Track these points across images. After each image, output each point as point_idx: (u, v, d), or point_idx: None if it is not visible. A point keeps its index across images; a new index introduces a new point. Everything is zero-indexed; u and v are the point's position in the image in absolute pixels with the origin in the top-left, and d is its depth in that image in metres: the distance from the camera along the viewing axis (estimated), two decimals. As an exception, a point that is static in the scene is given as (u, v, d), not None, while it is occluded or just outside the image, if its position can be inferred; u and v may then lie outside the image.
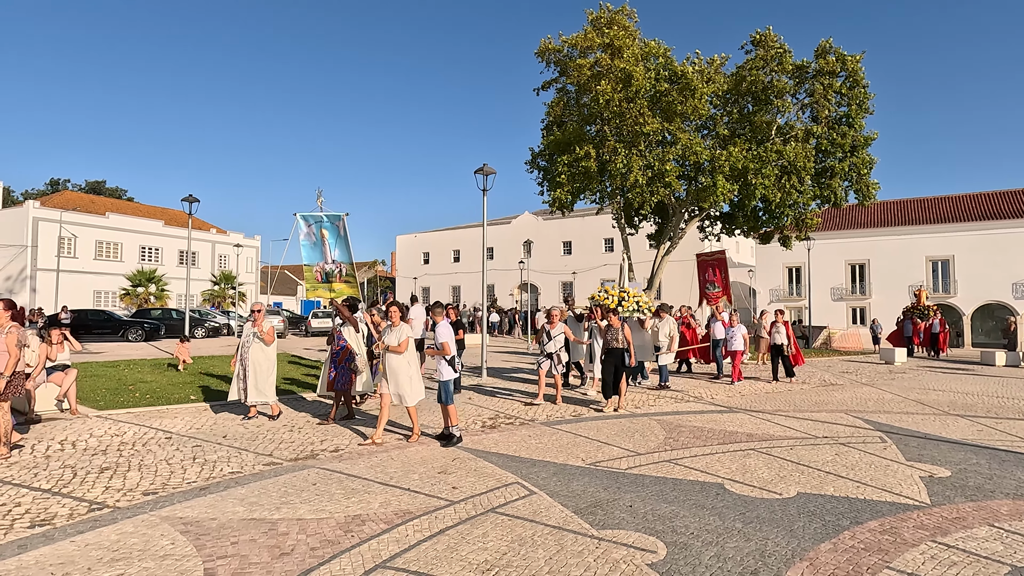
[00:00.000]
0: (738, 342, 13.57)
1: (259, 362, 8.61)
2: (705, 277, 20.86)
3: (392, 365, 7.43)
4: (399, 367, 7.42)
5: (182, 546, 4.19)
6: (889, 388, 13.09)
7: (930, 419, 9.34)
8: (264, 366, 8.65)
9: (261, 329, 8.71)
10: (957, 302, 37.20)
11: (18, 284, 40.19)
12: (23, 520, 4.68)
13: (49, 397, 8.96)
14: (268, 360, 8.71)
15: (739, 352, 13.52)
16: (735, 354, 13.52)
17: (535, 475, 6.01)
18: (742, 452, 7.04)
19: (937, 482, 5.88)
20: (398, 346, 7.36)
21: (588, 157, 20.68)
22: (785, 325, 14.08)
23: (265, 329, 8.75)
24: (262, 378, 8.61)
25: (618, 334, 9.76)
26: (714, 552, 4.14)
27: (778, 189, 21.40)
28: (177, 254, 48.26)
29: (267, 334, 8.71)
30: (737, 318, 14.82)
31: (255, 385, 8.56)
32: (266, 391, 8.66)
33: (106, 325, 26.82)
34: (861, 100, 22.08)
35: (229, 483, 5.66)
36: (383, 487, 5.58)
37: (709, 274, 20.65)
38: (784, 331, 13.90)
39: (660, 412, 9.73)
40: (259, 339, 8.64)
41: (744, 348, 13.72)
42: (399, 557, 4.03)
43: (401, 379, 7.41)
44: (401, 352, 7.40)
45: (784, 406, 10.46)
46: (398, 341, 7.38)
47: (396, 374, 7.40)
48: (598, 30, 20.81)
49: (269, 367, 8.72)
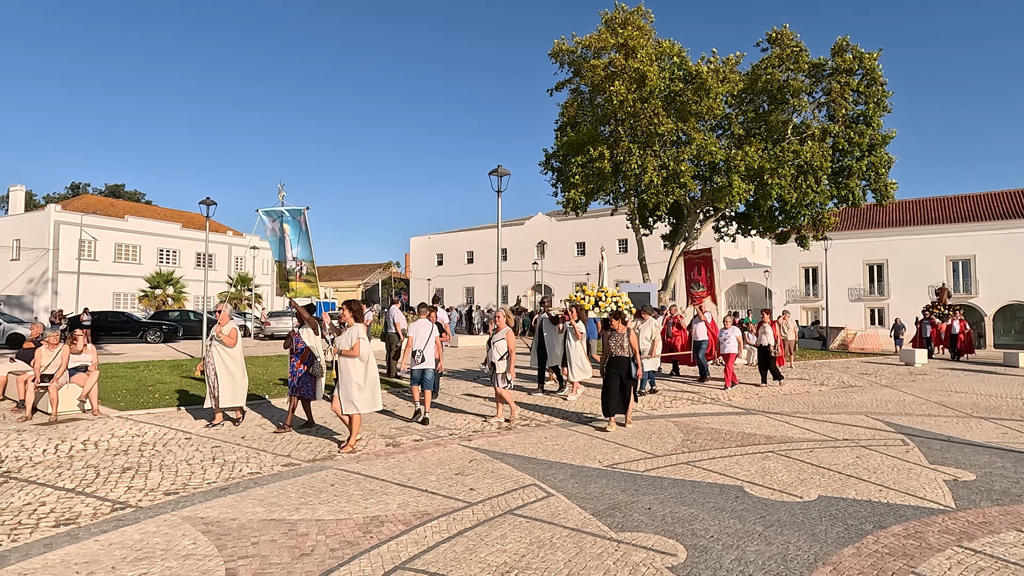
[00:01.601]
0: (731, 344, 13.05)
1: (227, 366, 8.14)
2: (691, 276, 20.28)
3: (345, 369, 6.96)
4: (353, 371, 6.93)
5: (203, 546, 4.23)
6: (910, 390, 12.90)
7: (953, 421, 9.18)
8: (233, 370, 8.20)
9: (221, 332, 8.21)
10: (979, 302, 36.61)
11: (40, 286, 40.89)
12: (48, 519, 4.75)
13: (72, 398, 9.09)
14: (236, 363, 8.26)
15: (732, 355, 12.98)
16: (728, 357, 13.00)
17: (552, 477, 5.99)
18: (761, 454, 6.97)
19: (962, 486, 5.78)
20: (351, 349, 6.93)
21: (602, 158, 20.62)
22: (772, 326, 13.57)
23: (226, 332, 8.25)
24: (235, 382, 8.20)
25: (623, 341, 8.51)
26: (735, 555, 4.10)
27: (794, 189, 21.20)
28: (194, 256, 48.82)
29: (228, 337, 8.21)
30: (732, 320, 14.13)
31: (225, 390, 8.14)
32: (237, 396, 8.25)
33: (125, 327, 27.22)
34: (879, 98, 21.83)
35: (248, 484, 5.71)
36: (401, 488, 5.60)
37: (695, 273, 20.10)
38: (771, 332, 13.42)
39: (677, 414, 9.66)
40: (220, 342, 8.15)
41: (737, 351, 13.17)
42: (418, 558, 4.04)
43: (352, 384, 6.91)
44: (355, 356, 6.94)
45: (803, 408, 10.34)
46: (351, 344, 6.95)
47: (348, 379, 6.91)
48: (612, 30, 20.77)
49: (239, 370, 8.28)
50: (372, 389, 7.10)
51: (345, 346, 6.97)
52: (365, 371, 7.00)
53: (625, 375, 8.43)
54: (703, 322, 14.18)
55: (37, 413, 8.91)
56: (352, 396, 6.90)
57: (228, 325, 8.32)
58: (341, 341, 7.02)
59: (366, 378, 7.01)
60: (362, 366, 7.00)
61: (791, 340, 17.88)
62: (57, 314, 25.91)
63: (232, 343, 8.24)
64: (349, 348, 6.95)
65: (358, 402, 6.92)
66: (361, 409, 6.98)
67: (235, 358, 8.28)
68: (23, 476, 5.91)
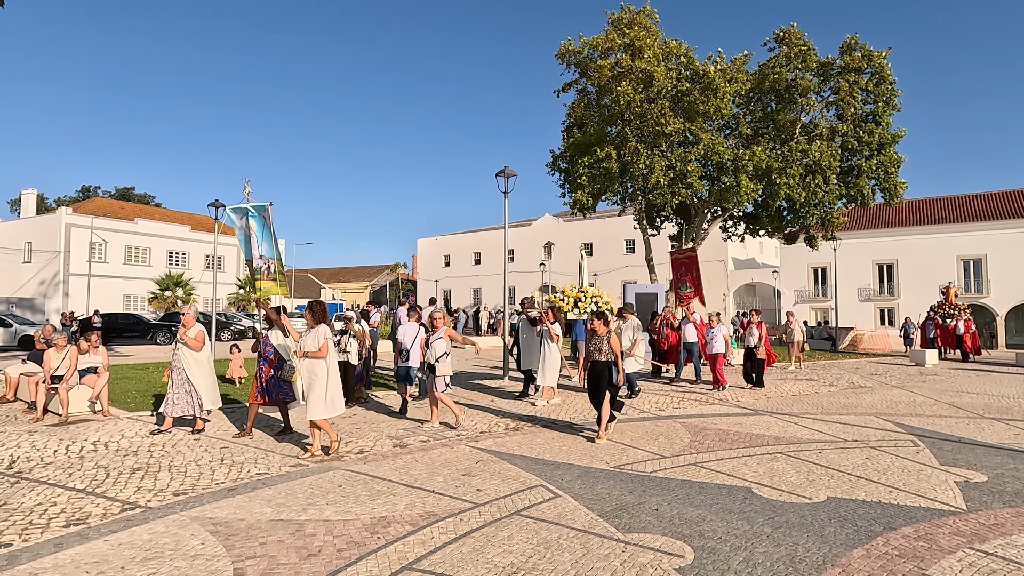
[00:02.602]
0: (719, 344, 12.65)
1: (192, 371, 7.86)
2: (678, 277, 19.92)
3: (309, 371, 6.73)
4: (318, 373, 6.71)
5: (212, 546, 4.25)
6: (920, 391, 12.79)
7: (964, 422, 9.10)
8: (199, 373, 7.91)
9: (186, 335, 7.92)
10: (990, 302, 36.28)
11: (52, 288, 41.29)
12: (59, 519, 4.79)
13: (82, 399, 9.17)
14: (203, 367, 7.98)
15: (720, 355, 12.63)
16: (716, 357, 12.64)
17: (559, 478, 5.98)
18: (769, 455, 6.94)
19: (973, 487, 5.72)
20: (318, 351, 6.70)
21: (609, 158, 20.60)
22: (759, 327, 13.03)
23: (192, 334, 7.94)
24: (207, 385, 7.94)
25: (602, 343, 7.88)
26: (743, 557, 4.08)
27: (803, 188, 21.10)
28: (203, 258, 49.14)
29: (194, 340, 7.92)
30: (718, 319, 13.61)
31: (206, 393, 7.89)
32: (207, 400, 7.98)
33: (135, 328, 27.44)
34: (888, 97, 21.69)
35: (257, 484, 5.73)
36: (408, 489, 5.61)
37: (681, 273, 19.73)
38: (758, 333, 12.88)
39: (684, 415, 9.63)
40: (185, 345, 7.89)
41: (725, 351, 12.79)
42: (425, 559, 4.04)
43: (316, 387, 6.69)
44: (322, 357, 6.73)
45: (812, 409, 10.28)
46: (318, 345, 6.72)
47: (313, 381, 6.70)
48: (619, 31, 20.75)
49: (205, 374, 8.00)
50: (336, 392, 6.86)
51: (311, 347, 6.72)
52: (327, 374, 6.76)
53: (604, 381, 7.79)
54: (692, 323, 13.80)
55: (48, 414, 8.99)
56: (315, 399, 6.67)
57: (194, 328, 8.02)
58: (306, 343, 6.77)
59: (329, 382, 6.76)
60: (325, 368, 6.75)
61: (799, 341, 17.67)
62: (68, 316, 26.15)
63: (198, 346, 7.95)
64: (316, 350, 6.70)
65: (323, 407, 6.69)
66: (325, 414, 6.72)
67: (204, 361, 7.99)
68: (34, 476, 5.96)
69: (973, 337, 21.84)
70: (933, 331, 22.39)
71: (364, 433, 8.08)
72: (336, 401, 6.85)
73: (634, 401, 10.89)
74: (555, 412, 9.74)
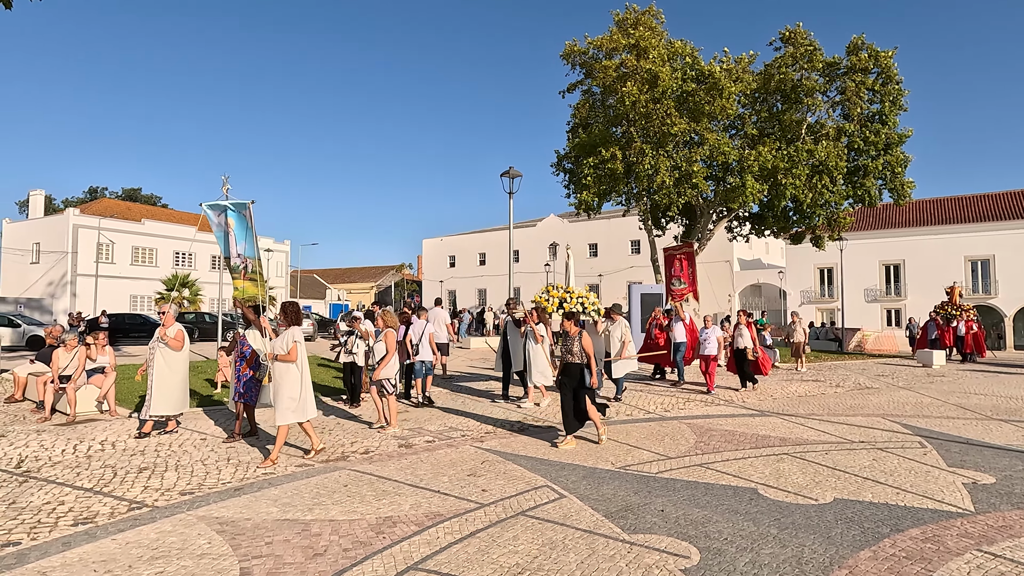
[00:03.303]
0: (712, 346, 12.15)
1: (162, 371, 7.66)
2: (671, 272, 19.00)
3: (279, 374, 6.50)
4: (288, 377, 6.48)
5: (218, 545, 4.27)
6: (927, 392, 12.72)
7: (972, 424, 9.05)
8: (169, 375, 7.68)
9: (166, 334, 7.68)
10: (998, 303, 36.05)
11: (59, 289, 41.54)
12: (67, 518, 4.82)
13: (90, 399, 9.22)
14: (174, 369, 7.74)
15: (712, 357, 12.16)
16: (708, 359, 12.15)
17: (564, 478, 5.98)
18: (775, 456, 6.91)
19: (981, 489, 5.69)
20: (287, 353, 6.47)
21: (614, 159, 20.58)
22: (748, 327, 12.63)
23: (171, 334, 7.69)
24: (167, 389, 7.68)
25: (573, 345, 7.39)
26: (749, 558, 4.06)
27: (809, 189, 21.02)
28: (210, 259, 49.32)
29: (174, 339, 7.66)
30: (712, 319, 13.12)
31: (158, 396, 7.62)
32: (169, 404, 7.73)
33: (142, 329, 27.56)
34: (895, 97, 21.59)
35: (262, 484, 5.75)
36: (413, 489, 5.61)
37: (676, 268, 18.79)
38: (748, 334, 12.50)
39: (690, 415, 9.60)
40: (164, 344, 7.66)
41: (718, 352, 12.33)
42: (430, 559, 4.04)
43: (284, 391, 6.44)
44: (292, 360, 6.49)
45: (818, 410, 10.24)
46: (287, 348, 6.50)
47: (281, 384, 6.47)
48: (623, 31, 20.74)
49: (176, 377, 7.76)
50: (306, 397, 6.61)
51: (281, 350, 6.48)
52: (300, 377, 6.53)
53: (578, 385, 7.38)
54: (681, 322, 13.14)
55: (56, 414, 9.05)
56: (285, 404, 6.44)
57: (173, 327, 7.79)
58: (276, 345, 6.54)
59: (301, 385, 6.53)
60: (296, 373, 6.52)
61: (798, 342, 17.47)
62: (76, 316, 26.29)
63: (178, 346, 7.73)
64: (285, 352, 6.46)
65: (291, 411, 6.47)
66: (293, 419, 6.50)
67: (178, 363, 7.76)
68: (42, 476, 6.00)
69: (975, 338, 21.51)
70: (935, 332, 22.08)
71: (369, 433, 8.10)
72: (307, 406, 6.61)
73: (640, 402, 10.88)
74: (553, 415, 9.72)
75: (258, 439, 7.66)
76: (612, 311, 11.27)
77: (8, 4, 7.00)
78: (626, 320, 11.37)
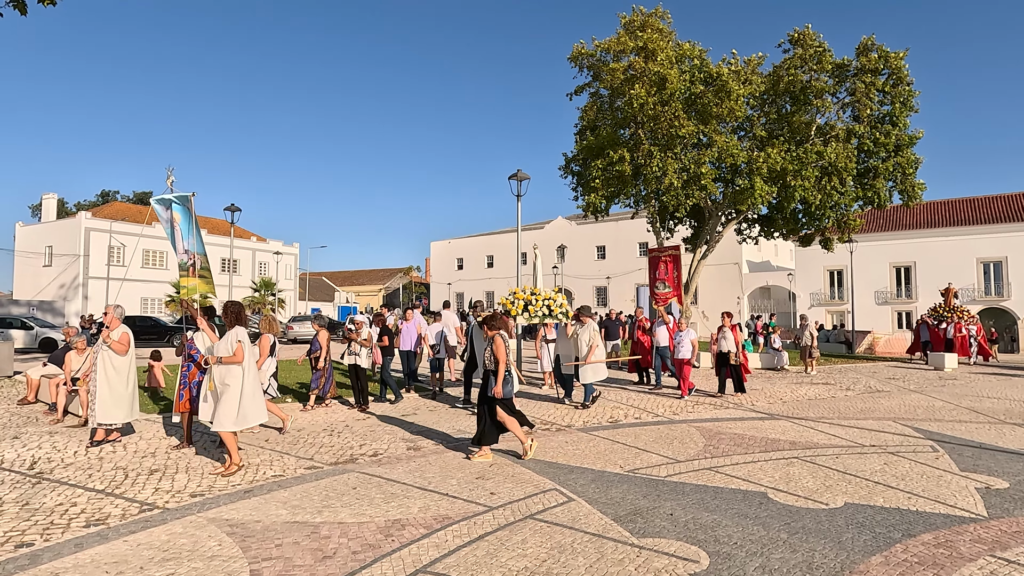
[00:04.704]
0: (686, 350, 11.80)
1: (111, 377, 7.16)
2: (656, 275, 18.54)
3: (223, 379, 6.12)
4: (231, 381, 6.10)
5: (229, 547, 4.29)
6: (939, 395, 12.61)
7: (985, 428, 8.96)
8: (117, 381, 7.20)
9: (109, 337, 7.18)
10: (1011, 305, 35.70)
11: (71, 291, 41.94)
12: (79, 520, 4.86)
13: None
14: (123, 374, 7.26)
15: (686, 361, 11.82)
16: (682, 363, 11.82)
17: (573, 481, 5.97)
18: (785, 460, 6.87)
19: (995, 494, 5.63)
20: (232, 355, 6.07)
21: (622, 161, 20.55)
22: (732, 330, 12.12)
23: (116, 336, 7.19)
24: (118, 395, 7.21)
25: (486, 349, 6.95)
26: (759, 563, 4.04)
27: (818, 191, 20.91)
28: (219, 262, 49.62)
29: (118, 342, 7.18)
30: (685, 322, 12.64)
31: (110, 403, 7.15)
32: (116, 411, 7.23)
33: (153, 331, 27.84)
34: (905, 98, 21.44)
35: (272, 486, 5.78)
36: (422, 492, 5.62)
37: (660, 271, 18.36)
38: (731, 337, 12.05)
39: (699, 419, 9.57)
40: (108, 348, 7.19)
41: (692, 356, 11.98)
42: (439, 562, 4.05)
43: (228, 396, 6.06)
44: (237, 362, 6.11)
45: (828, 413, 10.17)
46: (231, 349, 6.10)
47: (225, 389, 6.09)
48: (631, 33, 20.72)
49: (122, 382, 7.26)
50: (252, 401, 6.23)
51: (224, 352, 6.09)
52: (243, 380, 6.17)
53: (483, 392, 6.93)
54: (665, 325, 12.71)
55: (68, 415, 9.13)
56: (230, 411, 6.07)
57: (118, 329, 7.28)
58: (219, 347, 6.18)
59: (243, 391, 6.17)
60: (240, 374, 6.16)
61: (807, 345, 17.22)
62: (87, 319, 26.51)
63: (122, 349, 7.22)
64: (230, 353, 6.08)
65: (237, 417, 6.11)
66: (234, 427, 6.12)
67: (121, 368, 7.26)
68: (55, 477, 6.06)
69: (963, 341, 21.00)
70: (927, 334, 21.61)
71: (378, 436, 8.12)
72: (249, 413, 6.21)
73: (648, 404, 10.84)
74: (561, 418, 9.71)
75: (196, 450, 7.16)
76: (581, 313, 10.78)
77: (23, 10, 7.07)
78: (595, 324, 10.92)
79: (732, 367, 12.02)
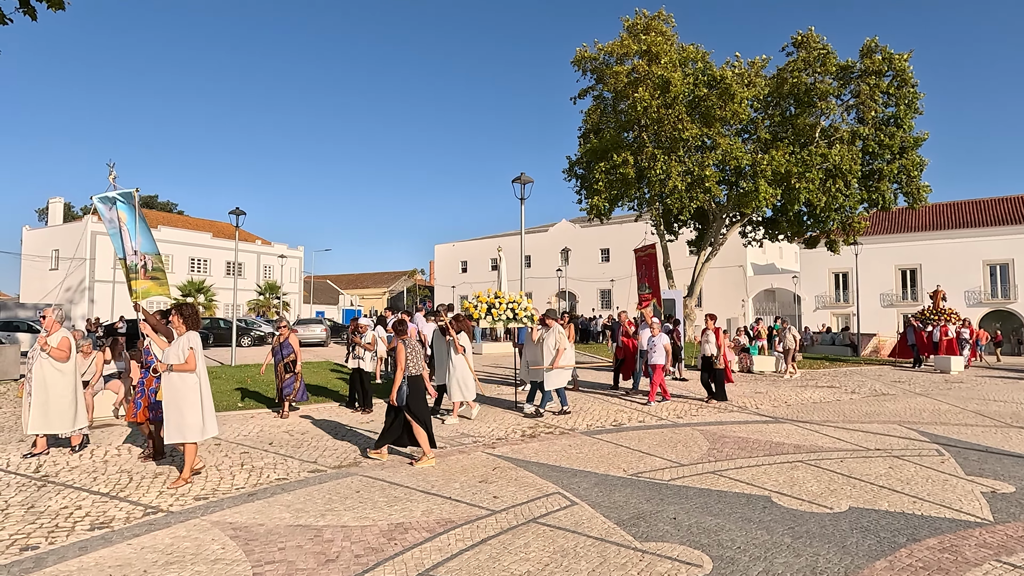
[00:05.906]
0: (659, 355, 11.39)
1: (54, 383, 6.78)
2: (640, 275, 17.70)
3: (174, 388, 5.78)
4: (183, 389, 5.78)
5: (232, 550, 4.31)
6: (945, 398, 12.54)
7: (991, 431, 8.91)
8: (57, 389, 6.80)
9: (45, 343, 6.74)
10: (1017, 307, 35.49)
11: (77, 295, 42.16)
12: (84, 523, 4.89)
13: (106, 404, 9.34)
14: (62, 380, 6.85)
15: (659, 366, 11.39)
16: (655, 368, 11.43)
17: (576, 485, 5.96)
18: (789, 464, 6.85)
19: (1000, 498, 5.60)
20: (184, 362, 5.77)
21: (626, 164, 20.57)
22: (716, 333, 11.75)
23: (54, 343, 6.76)
24: (54, 403, 6.77)
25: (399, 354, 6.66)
26: (762, 567, 4.03)
27: (823, 193, 20.87)
28: (224, 265, 49.87)
29: (57, 348, 6.74)
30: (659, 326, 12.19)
31: (44, 411, 6.73)
32: (59, 420, 6.84)
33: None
34: (910, 100, 21.40)
35: (276, 489, 5.79)
36: (425, 495, 5.63)
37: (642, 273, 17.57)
38: (714, 340, 11.65)
39: (703, 422, 9.54)
40: (46, 356, 6.76)
41: (665, 361, 11.60)
42: (441, 566, 4.05)
43: (179, 405, 5.74)
44: (190, 370, 5.79)
45: (833, 417, 10.13)
46: (183, 356, 5.78)
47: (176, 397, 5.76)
48: (634, 36, 20.76)
49: (64, 390, 6.86)
50: (206, 412, 5.91)
51: (175, 359, 5.77)
52: (197, 390, 5.85)
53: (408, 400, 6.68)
54: (649, 329, 12.20)
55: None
56: (185, 421, 5.74)
57: (56, 335, 6.85)
58: (169, 354, 5.84)
59: (200, 398, 5.85)
60: (195, 382, 5.84)
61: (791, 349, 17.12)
62: (93, 322, 26.65)
63: (63, 356, 6.78)
64: (181, 361, 5.77)
65: (192, 428, 5.79)
66: (196, 436, 5.83)
67: (63, 374, 6.85)
68: (60, 480, 6.09)
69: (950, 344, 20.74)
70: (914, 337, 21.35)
71: (381, 439, 8.12)
72: (206, 423, 5.89)
73: (652, 408, 10.82)
74: (564, 421, 9.70)
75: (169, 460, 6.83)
76: (547, 317, 10.48)
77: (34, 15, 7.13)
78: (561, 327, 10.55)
79: (714, 372, 11.70)
